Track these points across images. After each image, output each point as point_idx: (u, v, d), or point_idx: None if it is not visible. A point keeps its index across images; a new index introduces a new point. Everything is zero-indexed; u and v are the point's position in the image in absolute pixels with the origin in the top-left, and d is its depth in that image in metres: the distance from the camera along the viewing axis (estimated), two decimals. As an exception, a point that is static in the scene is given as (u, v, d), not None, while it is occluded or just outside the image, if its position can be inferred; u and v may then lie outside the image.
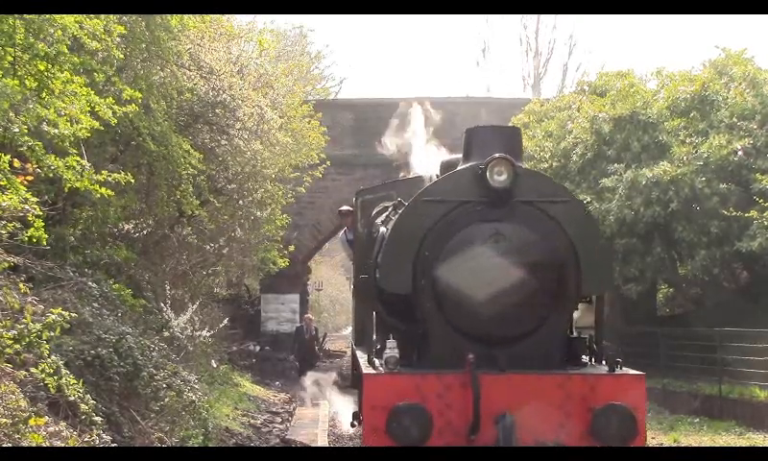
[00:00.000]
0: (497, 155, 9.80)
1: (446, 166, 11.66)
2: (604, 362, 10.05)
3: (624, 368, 9.80)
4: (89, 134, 11.50)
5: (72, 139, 10.95)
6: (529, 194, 9.93)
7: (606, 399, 9.31)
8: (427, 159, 14.38)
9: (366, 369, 9.87)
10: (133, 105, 13.27)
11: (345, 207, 17.82)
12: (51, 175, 10.84)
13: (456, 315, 9.67)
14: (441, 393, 9.27)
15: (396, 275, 9.83)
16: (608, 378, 9.57)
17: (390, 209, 11.56)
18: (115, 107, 12.03)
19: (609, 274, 10.58)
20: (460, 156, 11.07)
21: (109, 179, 11.60)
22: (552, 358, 9.82)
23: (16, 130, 9.88)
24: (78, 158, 10.92)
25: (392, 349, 9.61)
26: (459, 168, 10.48)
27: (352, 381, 15.94)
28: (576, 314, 10.50)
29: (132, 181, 13.15)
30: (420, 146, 15.31)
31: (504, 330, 9.63)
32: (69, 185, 11.09)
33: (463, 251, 9.63)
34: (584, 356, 10.26)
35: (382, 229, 11.12)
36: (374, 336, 10.52)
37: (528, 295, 9.58)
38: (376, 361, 9.93)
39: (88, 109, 11.20)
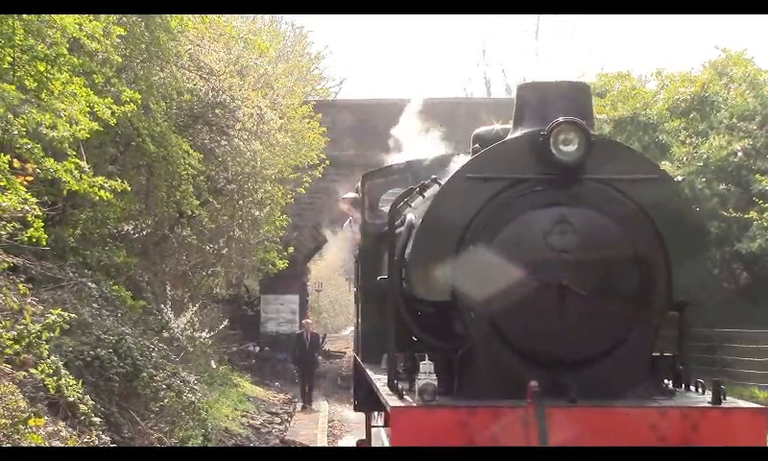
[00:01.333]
0: (564, 118, 7.71)
1: (482, 139, 9.55)
2: (694, 388, 8.01)
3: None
4: (89, 136, 11.50)
5: (71, 141, 10.94)
6: (604, 169, 7.85)
7: (713, 439, 7.10)
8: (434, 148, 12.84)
9: (391, 399, 7.68)
10: (132, 105, 13.27)
11: (349, 195, 14.99)
12: (50, 177, 10.83)
13: (511, 329, 7.61)
14: (495, 433, 7.11)
15: (432, 277, 7.77)
16: (715, 413, 7.28)
17: (416, 191, 9.23)
18: (114, 107, 12.03)
19: (704, 274, 8.21)
20: (496, 126, 9.64)
21: (106, 185, 11.59)
22: (635, 385, 7.68)
23: (15, 132, 9.87)
24: (77, 161, 10.92)
25: (428, 373, 7.40)
26: (511, 136, 8.36)
27: (356, 403, 14.21)
28: None
29: (129, 189, 13.13)
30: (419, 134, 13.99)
31: (575, 349, 7.58)
32: (68, 189, 11.08)
33: (518, 245, 7.60)
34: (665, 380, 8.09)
35: (410, 216, 8.66)
36: (396, 354, 8.40)
37: (605, 302, 7.54)
38: (401, 387, 7.90)
39: (88, 109, 11.20)
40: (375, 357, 10.75)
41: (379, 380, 8.94)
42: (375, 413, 14.24)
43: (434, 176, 8.85)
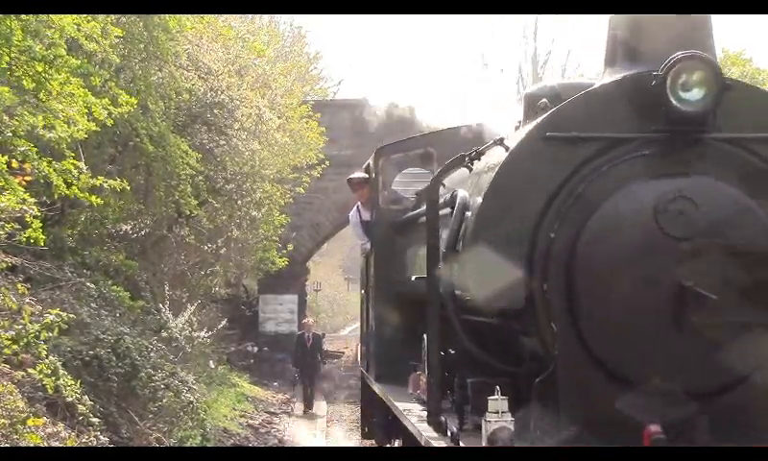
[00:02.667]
0: (685, 52, 5.58)
1: (549, 95, 7.05)
2: None
3: None
4: (86, 137, 11.50)
5: (69, 142, 10.94)
6: (736, 124, 5.80)
7: None
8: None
9: (440, 443, 6.11)
10: (129, 107, 13.26)
11: (357, 175, 12.40)
12: (42, 180, 10.80)
13: (608, 348, 5.62)
14: None
15: (500, 276, 5.78)
16: None
17: (464, 160, 7.03)
18: (111, 108, 12.03)
19: None
20: (553, 82, 7.81)
21: (105, 185, 11.59)
22: None
23: (9, 134, 9.87)
24: (75, 162, 10.91)
25: (500, 413, 5.49)
26: (603, 81, 6.17)
27: (367, 430, 13.39)
28: None
29: (128, 188, 13.12)
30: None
31: (699, 374, 5.55)
32: (59, 193, 10.99)
33: (619, 231, 5.59)
34: None
35: (462, 193, 6.57)
36: (440, 378, 6.70)
37: (742, 309, 5.50)
38: (450, 424, 6.23)
39: (86, 110, 11.20)
40: (393, 376, 9.51)
41: (409, 412, 7.54)
42: (395, 442, 11.18)
43: (497, 138, 6.58)
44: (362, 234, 12.14)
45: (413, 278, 8.01)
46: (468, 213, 6.37)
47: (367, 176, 11.79)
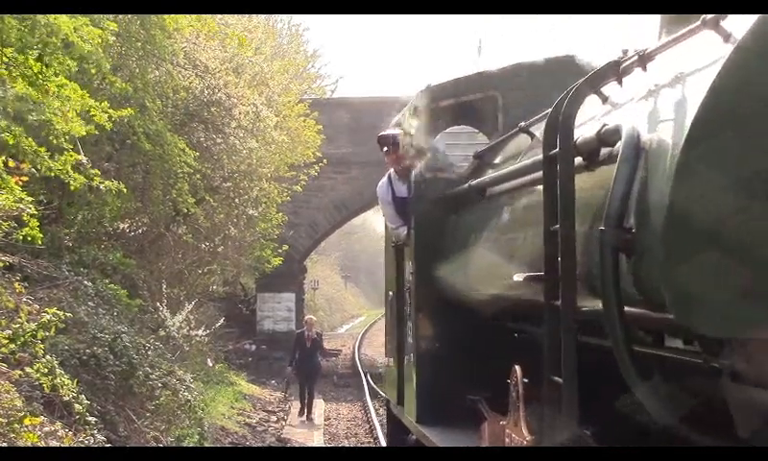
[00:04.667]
0: None
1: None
2: None
3: None
4: (85, 133, 11.50)
5: (67, 137, 10.95)
6: None
7: None
8: None
9: None
10: (129, 108, 13.25)
11: (389, 132, 9.17)
12: (51, 174, 10.84)
13: None
14: None
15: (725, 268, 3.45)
16: None
17: (606, 77, 4.74)
18: (111, 111, 12.02)
19: None
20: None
21: (101, 186, 11.63)
22: None
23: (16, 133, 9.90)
24: (75, 156, 10.94)
25: None
26: None
27: None
28: None
29: (124, 190, 13.11)
30: None
31: None
32: (75, 186, 11.09)
33: None
34: None
35: (627, 127, 4.13)
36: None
37: None
38: None
39: (84, 109, 11.20)
40: (443, 416, 7.46)
41: None
42: None
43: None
44: (394, 216, 8.95)
45: (515, 277, 5.16)
46: (663, 153, 3.76)
47: (402, 134, 8.61)
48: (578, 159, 4.64)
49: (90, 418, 10.54)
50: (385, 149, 8.94)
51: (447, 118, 8.56)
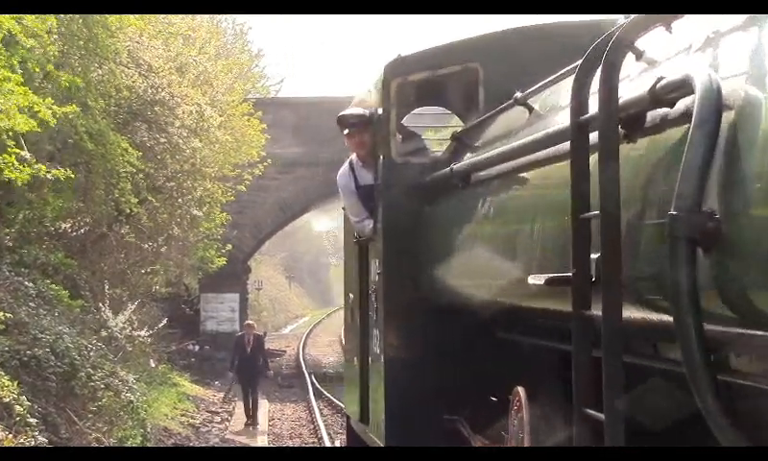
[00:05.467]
0: None
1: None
2: None
3: None
4: (28, 129, 11.39)
5: (10, 134, 10.84)
6: None
7: None
8: None
9: None
10: (73, 105, 13.14)
11: (353, 110, 7.78)
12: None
13: None
14: None
15: None
16: None
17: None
18: (54, 107, 11.92)
19: None
20: None
21: (48, 175, 11.52)
22: None
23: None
24: (17, 151, 10.83)
25: None
26: None
27: None
28: None
29: (72, 176, 12.99)
30: None
31: None
32: (21, 178, 10.95)
33: None
34: None
35: (702, 78, 3.01)
36: None
37: None
38: None
39: (26, 105, 11.09)
40: (415, 436, 6.41)
41: None
42: None
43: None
44: (358, 208, 7.75)
45: (531, 280, 4.19)
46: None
47: (366, 114, 7.52)
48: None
49: (31, 419, 10.45)
50: (346, 131, 7.63)
51: (420, 94, 7.45)
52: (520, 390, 4.97)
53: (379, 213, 7.08)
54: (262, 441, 19.55)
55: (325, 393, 26.22)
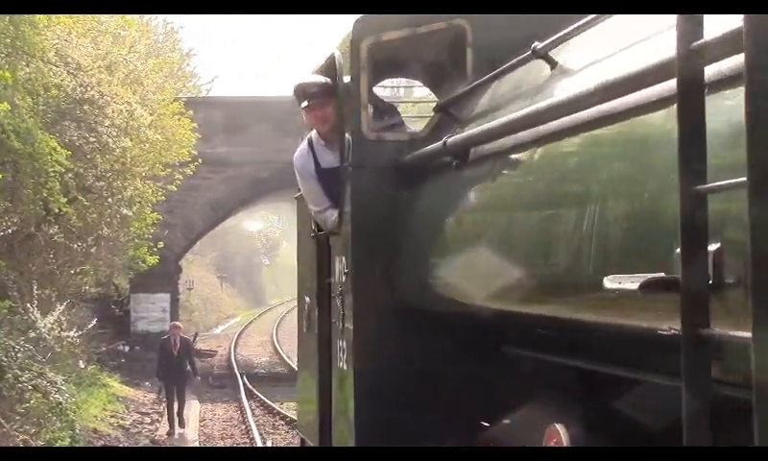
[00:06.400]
0: None
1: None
2: None
3: None
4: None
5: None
6: None
7: None
8: None
9: None
10: (5, 102, 13.01)
11: (313, 79, 6.65)
12: None
13: None
14: None
15: None
16: None
17: None
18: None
19: None
20: None
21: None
22: None
23: None
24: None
25: None
26: None
27: None
28: None
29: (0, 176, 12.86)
30: None
31: None
32: None
33: None
34: None
35: None
36: None
37: None
38: None
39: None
40: None
41: None
42: None
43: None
44: (320, 194, 6.49)
45: (607, 283, 3.03)
46: None
47: (329, 82, 6.24)
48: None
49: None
50: (305, 103, 6.34)
51: (397, 56, 6.22)
52: (559, 429, 3.93)
53: (346, 200, 5.92)
54: (193, 442, 19.49)
55: (257, 393, 26.19)
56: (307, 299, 7.43)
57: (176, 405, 20.39)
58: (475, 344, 5.18)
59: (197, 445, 19.13)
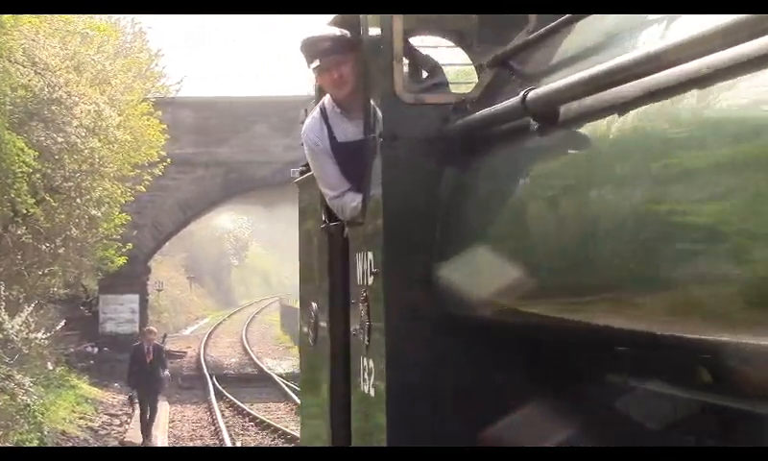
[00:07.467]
0: None
1: None
2: None
3: None
4: None
5: None
6: None
7: None
8: None
9: None
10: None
11: (327, 31, 5.06)
12: None
13: None
14: None
15: None
16: None
17: None
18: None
19: None
20: None
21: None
22: None
23: None
24: None
25: None
26: None
27: None
28: None
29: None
30: None
31: None
32: None
33: None
34: None
35: None
36: None
37: None
38: None
39: None
40: None
41: None
42: None
43: None
44: (337, 175, 5.10)
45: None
46: None
47: (347, 35, 4.99)
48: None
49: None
50: (316, 62, 5.00)
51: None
52: None
53: (374, 181, 4.58)
54: (162, 443, 19.42)
55: (227, 394, 26.13)
56: (313, 305, 5.94)
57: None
58: (559, 375, 3.96)
59: (166, 446, 19.06)
